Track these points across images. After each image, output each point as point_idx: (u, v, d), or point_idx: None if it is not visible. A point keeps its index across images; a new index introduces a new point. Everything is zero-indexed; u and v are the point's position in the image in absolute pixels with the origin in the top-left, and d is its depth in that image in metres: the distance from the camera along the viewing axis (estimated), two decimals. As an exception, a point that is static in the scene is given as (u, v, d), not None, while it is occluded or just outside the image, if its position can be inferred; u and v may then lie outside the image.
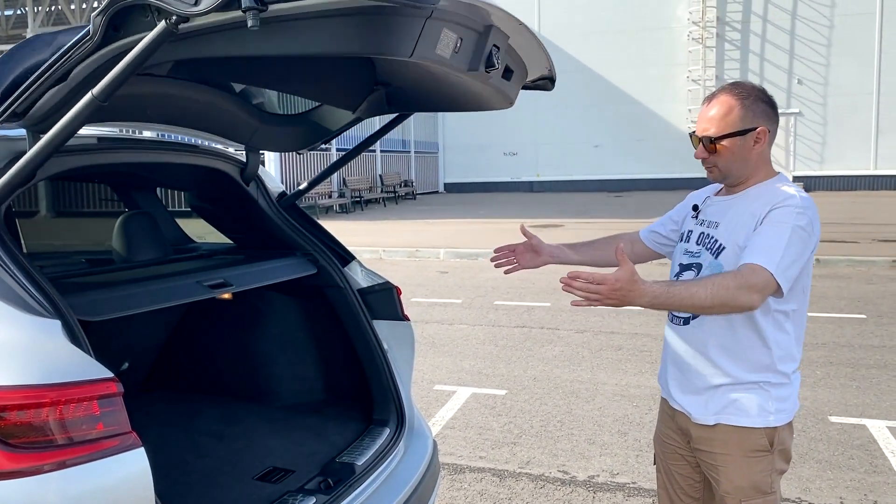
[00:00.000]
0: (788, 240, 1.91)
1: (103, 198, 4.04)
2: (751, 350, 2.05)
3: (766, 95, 2.07)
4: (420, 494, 2.44)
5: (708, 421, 2.09)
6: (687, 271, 2.14)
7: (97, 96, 1.46)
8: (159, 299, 2.07)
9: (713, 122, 2.05)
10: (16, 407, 1.44)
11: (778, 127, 2.10)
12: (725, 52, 26.33)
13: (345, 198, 22.03)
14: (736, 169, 2.08)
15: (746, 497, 2.07)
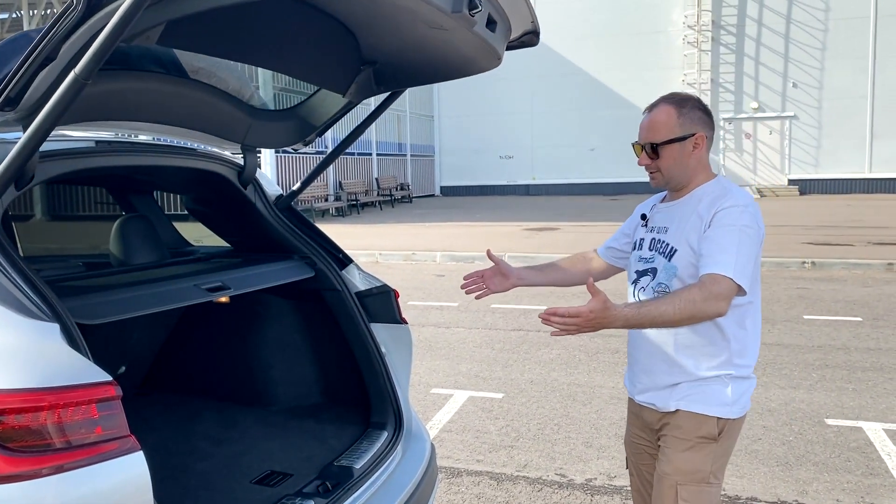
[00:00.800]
0: (738, 241, 2.02)
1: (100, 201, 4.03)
2: (712, 346, 2.14)
3: (701, 104, 2.21)
4: (418, 498, 2.44)
5: (670, 408, 2.19)
6: (643, 277, 2.25)
7: (80, 74, 1.42)
8: (157, 302, 2.07)
9: (654, 130, 2.17)
10: (14, 410, 1.43)
11: (714, 133, 2.23)
12: (720, 56, 26.42)
13: (341, 201, 22.02)
14: (677, 174, 2.19)
15: (684, 481, 2.15)
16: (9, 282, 1.55)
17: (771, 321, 7.54)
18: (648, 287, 2.23)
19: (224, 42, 2.00)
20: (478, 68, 2.31)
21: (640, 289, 2.26)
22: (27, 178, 1.78)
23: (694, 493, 2.16)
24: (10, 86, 1.55)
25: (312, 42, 2.18)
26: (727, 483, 3.86)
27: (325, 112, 2.64)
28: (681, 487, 2.15)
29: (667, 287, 2.16)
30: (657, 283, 2.20)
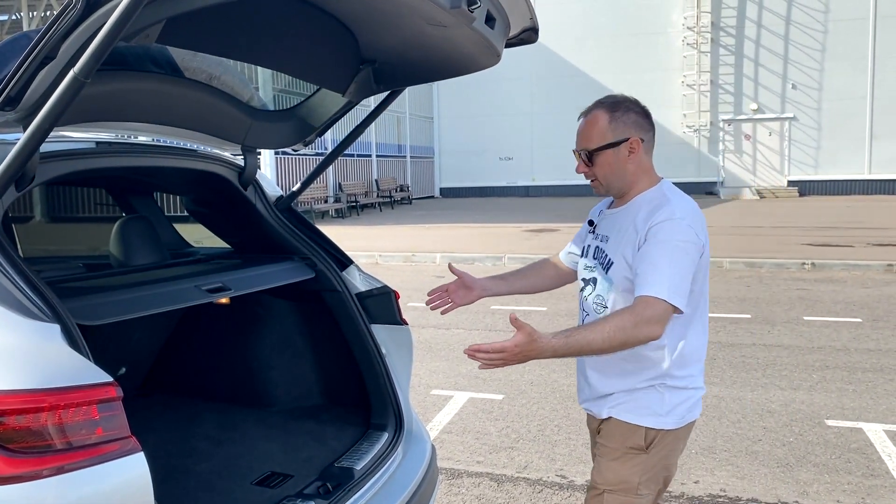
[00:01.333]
0: (672, 258, 1.94)
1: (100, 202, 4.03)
2: (648, 357, 2.09)
3: (637, 106, 2.13)
4: (419, 499, 2.43)
5: (603, 415, 2.19)
6: (587, 286, 2.22)
7: (79, 73, 1.42)
8: (158, 303, 2.07)
9: (587, 137, 2.11)
10: (14, 411, 1.43)
11: (653, 135, 2.15)
12: (720, 57, 26.44)
13: (341, 203, 22.02)
14: (615, 180, 2.13)
15: (612, 490, 2.14)
16: (9, 282, 1.55)
17: (771, 322, 7.54)
18: (590, 297, 2.19)
19: (223, 40, 2.00)
20: (477, 66, 2.31)
21: (584, 298, 2.22)
22: (28, 178, 1.78)
23: (621, 501, 2.13)
24: (10, 85, 1.54)
25: (312, 40, 2.18)
26: (728, 484, 3.86)
27: (325, 112, 2.64)
28: (607, 496, 2.13)
29: (604, 300, 2.13)
30: (596, 296, 2.16)
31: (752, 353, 6.39)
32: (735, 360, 6.18)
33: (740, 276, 10.54)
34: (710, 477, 3.95)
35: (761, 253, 11.70)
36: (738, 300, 8.75)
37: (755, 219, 17.67)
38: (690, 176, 26.86)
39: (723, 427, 4.68)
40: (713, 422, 4.77)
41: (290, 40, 2.15)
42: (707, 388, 5.47)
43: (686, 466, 4.08)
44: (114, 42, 1.41)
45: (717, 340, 6.86)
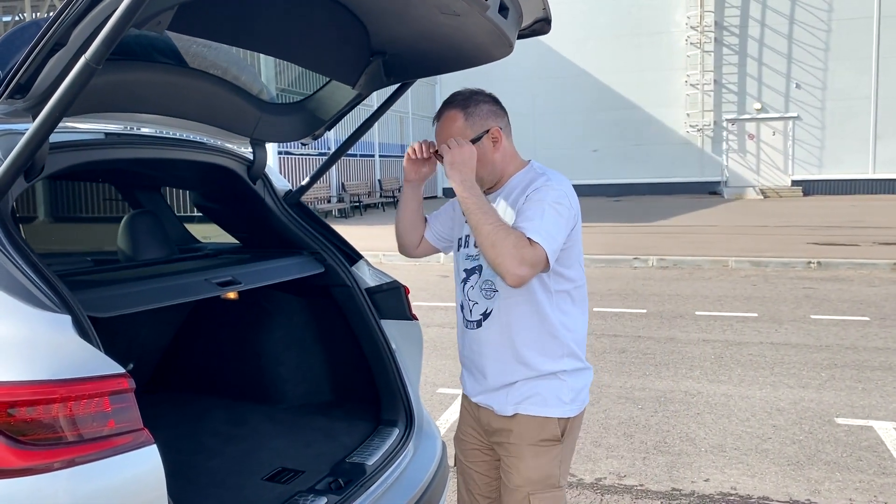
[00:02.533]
0: (544, 213, 1.96)
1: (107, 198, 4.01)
2: (542, 341, 2.08)
3: (486, 96, 2.12)
4: (430, 496, 2.41)
5: (507, 412, 2.11)
6: (472, 275, 2.17)
7: (90, 59, 1.40)
8: (168, 296, 2.04)
9: (448, 137, 2.08)
10: (25, 403, 1.40)
11: (508, 120, 2.16)
12: (724, 57, 26.38)
13: (344, 202, 22.01)
14: (487, 173, 2.12)
15: (535, 490, 2.10)
16: (19, 272, 1.52)
17: (778, 321, 7.51)
18: (476, 286, 2.14)
19: (234, 29, 1.98)
20: (489, 56, 2.29)
21: (470, 288, 2.16)
22: (37, 169, 1.75)
23: (548, 500, 2.11)
24: (20, 72, 1.52)
25: (323, 31, 2.16)
26: (739, 482, 3.83)
27: (335, 105, 2.61)
28: (533, 497, 2.10)
29: (493, 284, 2.10)
30: (483, 281, 2.12)
31: (759, 352, 6.35)
32: (742, 359, 6.15)
33: (746, 275, 10.50)
34: (720, 475, 3.92)
35: (766, 252, 11.66)
36: (743, 299, 8.71)
37: (759, 218, 17.62)
38: (693, 176, 26.81)
39: (732, 425, 4.64)
40: (722, 420, 4.74)
41: (302, 30, 2.13)
42: (715, 387, 5.46)
43: (696, 464, 4.05)
44: (125, 28, 1.39)
45: (723, 339, 6.83)
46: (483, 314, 2.12)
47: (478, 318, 2.13)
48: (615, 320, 7.68)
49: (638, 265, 11.48)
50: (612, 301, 8.75)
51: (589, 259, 11.25)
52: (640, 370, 5.89)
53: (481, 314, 2.12)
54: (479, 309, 2.13)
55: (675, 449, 4.29)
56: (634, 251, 12.02)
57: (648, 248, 12.47)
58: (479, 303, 2.13)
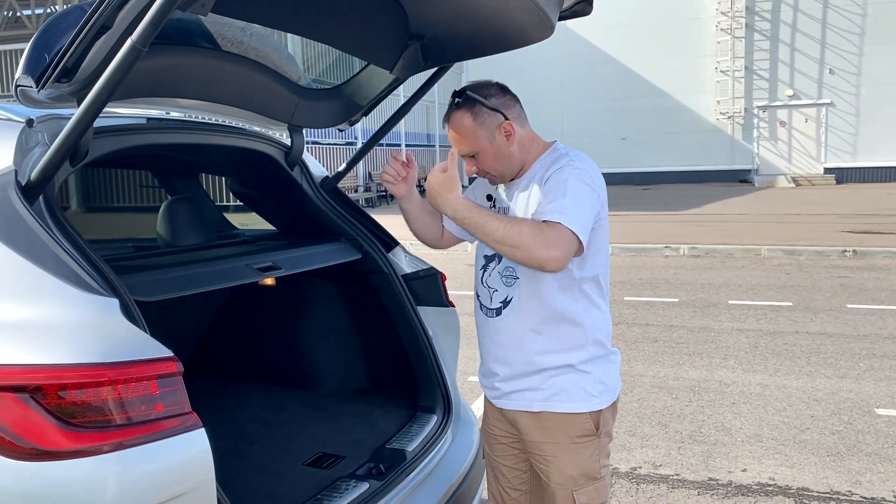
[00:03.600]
0: (567, 191, 1.89)
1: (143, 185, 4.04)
2: (565, 329, 2.02)
3: (492, 88, 2.05)
4: (470, 482, 2.40)
5: (533, 408, 2.06)
6: (491, 262, 2.11)
7: (136, 41, 1.40)
8: (211, 281, 2.05)
9: (461, 141, 2.03)
10: (75, 385, 1.41)
11: (520, 105, 2.09)
12: (755, 43, 25.92)
13: (371, 192, 22.05)
14: (506, 167, 2.06)
15: (578, 486, 2.05)
16: (67, 256, 1.53)
17: (813, 310, 7.38)
18: (495, 271, 2.09)
19: (275, 12, 1.97)
20: (529, 39, 2.25)
21: (489, 274, 2.12)
22: (82, 154, 1.76)
23: (590, 493, 2.06)
24: (66, 56, 1.52)
25: (361, 14, 2.14)
26: (777, 473, 3.77)
27: (372, 90, 2.59)
28: (577, 493, 2.05)
29: (513, 271, 2.04)
30: (504, 267, 2.07)
31: (794, 341, 6.25)
32: (778, 349, 6.05)
33: (779, 263, 10.34)
34: (757, 465, 3.87)
35: (800, 241, 11.47)
36: (777, 288, 8.58)
37: (792, 206, 17.34)
38: (723, 164, 26.45)
39: (768, 415, 4.58)
40: (758, 410, 4.67)
41: (341, 13, 2.11)
42: (750, 376, 5.39)
43: (732, 454, 4.00)
44: (171, 10, 1.38)
45: (758, 328, 6.73)
46: (503, 302, 2.06)
47: (497, 306, 2.08)
48: (647, 309, 7.61)
49: (669, 254, 11.36)
50: (643, 290, 8.66)
51: (618, 248, 11.15)
52: (673, 359, 5.82)
53: (501, 302, 2.07)
54: (498, 297, 2.07)
55: (710, 439, 4.24)
56: (665, 240, 11.89)
57: (679, 236, 12.33)
58: (499, 290, 2.07)
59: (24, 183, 1.58)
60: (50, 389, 1.38)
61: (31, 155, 1.64)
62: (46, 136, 1.70)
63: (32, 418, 1.37)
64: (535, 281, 2.01)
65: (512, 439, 2.21)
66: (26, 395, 1.37)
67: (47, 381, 1.39)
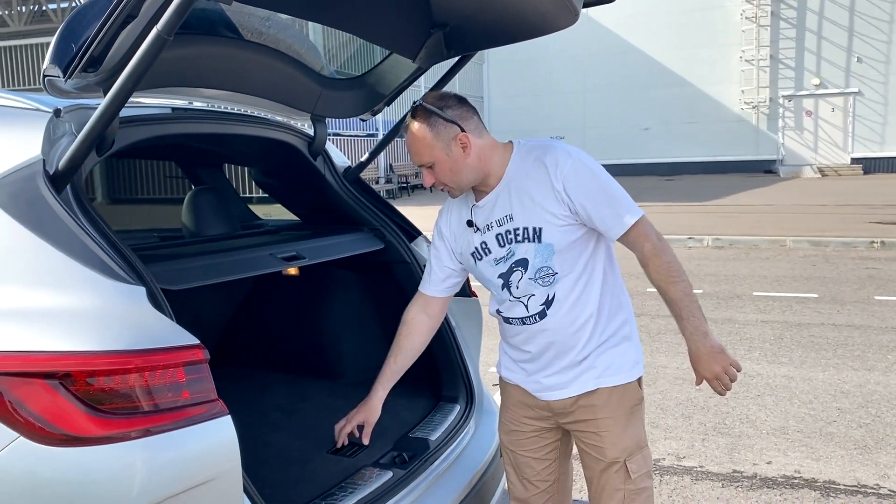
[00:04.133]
0: (605, 180, 1.99)
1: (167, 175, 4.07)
2: (611, 307, 2.09)
3: (448, 100, 2.00)
4: (493, 472, 2.40)
5: (588, 387, 2.08)
6: (513, 273, 2.05)
7: (162, 30, 1.42)
8: (236, 270, 2.06)
9: (418, 153, 2.00)
10: (103, 372, 1.42)
11: (478, 116, 2.04)
12: (781, 31, 25.55)
13: (392, 183, 22.08)
14: (465, 178, 2.03)
15: (630, 455, 2.09)
16: (95, 245, 1.54)
17: (839, 302, 7.28)
18: (524, 279, 2.04)
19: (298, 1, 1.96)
20: (553, 26, 2.23)
21: (515, 287, 2.07)
22: (108, 143, 1.77)
23: (640, 461, 2.11)
24: (93, 45, 1.53)
25: (384, 3, 2.13)
26: (802, 466, 3.73)
27: (395, 79, 2.59)
28: (629, 462, 2.09)
29: (549, 269, 2.02)
30: (536, 271, 2.02)
31: (821, 333, 6.17)
32: (803, 340, 5.98)
33: (805, 254, 10.22)
34: (783, 458, 3.83)
35: (826, 232, 11.32)
36: (803, 279, 8.48)
37: (818, 197, 17.10)
38: (748, 154, 26.14)
39: (794, 408, 4.53)
40: (783, 402, 4.62)
41: (363, 2, 2.10)
42: (775, 368, 5.33)
43: (757, 447, 3.97)
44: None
45: (783, 320, 6.66)
46: (545, 302, 2.05)
47: (539, 308, 2.06)
48: (670, 300, 7.55)
49: (692, 245, 11.26)
50: (666, 281, 8.59)
51: (641, 239, 11.06)
52: (696, 351, 5.77)
53: (543, 304, 2.05)
54: (537, 300, 2.05)
55: (735, 431, 4.20)
56: (688, 231, 11.78)
57: (703, 227, 12.22)
58: (537, 294, 2.05)
59: (51, 172, 1.60)
60: (78, 376, 1.40)
61: (58, 144, 1.66)
62: (73, 125, 1.72)
63: (62, 404, 1.39)
64: (575, 268, 2.03)
65: (544, 430, 2.19)
66: (56, 381, 1.39)
67: (76, 367, 1.40)
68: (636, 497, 2.10)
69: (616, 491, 2.09)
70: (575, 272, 2.03)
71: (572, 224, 1.99)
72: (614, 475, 2.09)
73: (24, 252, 1.52)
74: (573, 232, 2.00)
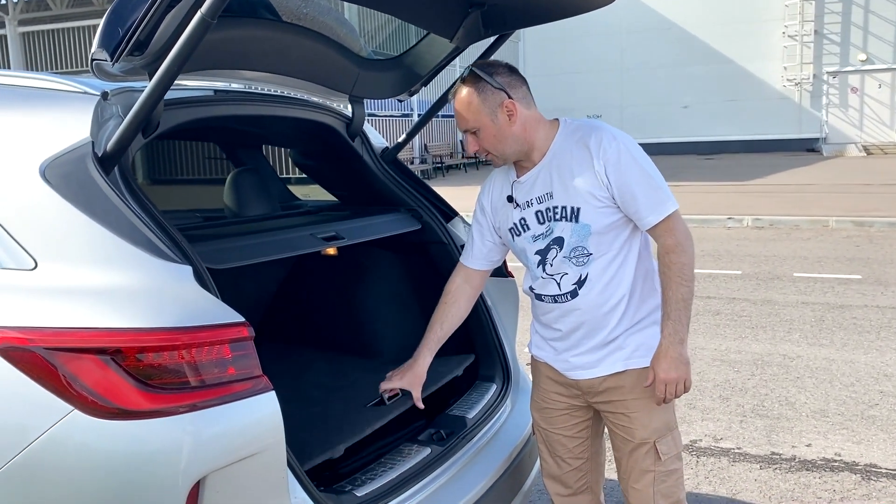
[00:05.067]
0: (646, 169, 1.98)
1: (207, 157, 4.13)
2: (643, 290, 2.09)
3: (498, 68, 2.02)
4: (530, 450, 2.42)
5: (616, 368, 2.08)
6: (549, 252, 2.07)
7: (206, 13, 1.44)
8: (277, 250, 2.09)
9: (464, 118, 2.02)
10: (152, 349, 1.47)
11: (527, 87, 2.05)
12: (826, 5, 24.84)
13: (426, 164, 22.08)
14: (510, 148, 2.04)
15: (661, 436, 2.09)
16: (143, 225, 1.58)
17: (883, 283, 7.14)
18: (559, 258, 2.05)
19: None
20: (592, 4, 2.21)
21: (549, 264, 2.08)
22: (153, 125, 1.81)
23: (669, 442, 2.11)
24: (139, 29, 1.56)
25: None
26: (843, 449, 3.69)
27: (432, 60, 2.59)
28: (659, 444, 2.09)
29: (584, 249, 2.02)
30: (571, 250, 2.03)
31: (863, 315, 6.06)
32: (845, 322, 5.88)
33: (848, 235, 10.00)
34: (822, 440, 3.79)
35: (870, 211, 11.06)
36: (846, 260, 8.31)
37: (862, 176, 16.68)
38: (790, 132, 25.56)
39: (834, 390, 4.47)
40: (824, 384, 4.56)
41: None
42: (816, 350, 5.26)
43: (796, 429, 3.93)
44: None
45: (824, 301, 6.55)
46: (577, 282, 2.06)
47: (571, 287, 2.07)
48: (708, 282, 7.47)
49: (732, 225, 11.09)
50: (705, 262, 8.50)
51: (679, 219, 10.92)
52: (735, 332, 5.72)
53: (575, 283, 2.06)
54: (570, 279, 2.07)
55: (773, 413, 4.17)
56: (728, 211, 11.60)
57: (743, 207, 12.02)
58: (569, 273, 2.06)
59: (100, 154, 1.64)
60: (129, 352, 1.45)
61: (106, 127, 1.70)
62: (120, 108, 1.75)
63: (113, 379, 1.44)
64: (611, 249, 2.04)
65: (574, 408, 2.22)
66: (107, 357, 1.44)
67: (126, 344, 1.45)
68: (666, 478, 2.11)
69: (646, 472, 2.10)
70: (610, 254, 2.04)
71: (610, 206, 2.00)
72: (644, 456, 2.10)
73: (75, 232, 1.57)
74: (611, 214, 2.00)
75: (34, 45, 21.34)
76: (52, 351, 1.44)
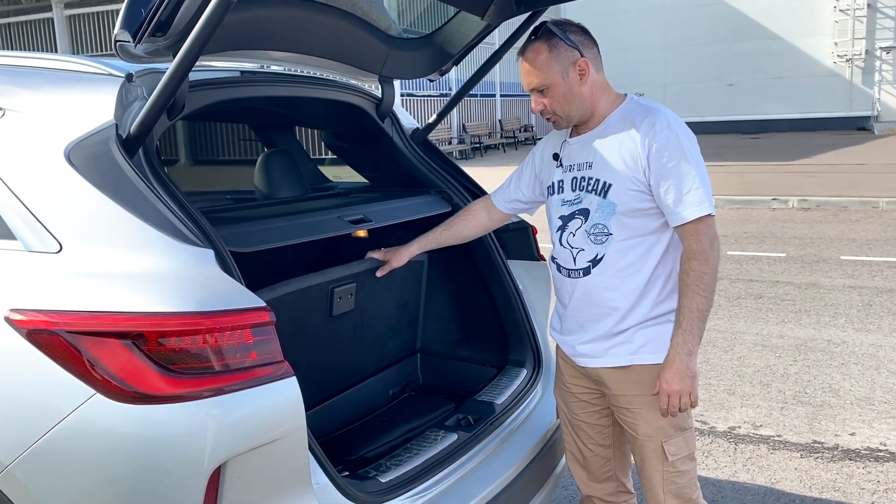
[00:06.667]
0: (691, 164, 1.90)
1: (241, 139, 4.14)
2: (656, 281, 2.00)
3: (572, 25, 1.99)
4: (561, 437, 2.38)
5: (621, 362, 2.03)
6: (572, 221, 2.05)
7: None
8: (304, 233, 2.08)
9: (531, 74, 1.99)
10: (174, 333, 1.46)
11: (598, 51, 2.02)
12: (880, -23, 23.92)
13: (464, 144, 21.95)
14: (574, 109, 2.01)
15: (668, 436, 2.02)
16: (166, 208, 1.57)
17: (936, 267, 6.89)
18: (580, 231, 2.01)
19: None
20: None
21: (570, 234, 2.04)
22: (178, 107, 1.80)
23: (679, 443, 2.04)
24: (160, 9, 1.54)
25: None
26: (889, 438, 3.58)
27: (463, 38, 2.53)
28: (666, 444, 2.02)
29: (605, 228, 1.97)
30: (592, 225, 1.99)
31: (914, 300, 5.87)
32: (895, 308, 5.69)
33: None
34: (867, 429, 3.68)
35: (924, 192, 10.68)
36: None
37: (916, 156, 16.12)
38: (840, 110, 24.78)
39: (881, 378, 4.33)
40: (870, 371, 4.43)
41: None
42: (862, 336, 5.11)
43: (839, 417, 3.82)
44: None
45: (872, 285, 6.35)
46: (592, 261, 2.01)
47: (585, 265, 2.03)
48: (751, 264, 7.30)
49: (777, 206, 10.81)
50: (748, 244, 8.31)
51: (722, 199, 10.68)
52: (778, 317, 5.58)
53: (589, 261, 2.01)
54: (585, 256, 2.02)
55: (816, 400, 4.06)
56: (773, 191, 11.31)
57: (789, 188, 11.70)
58: (586, 249, 2.02)
59: (124, 136, 1.63)
60: (151, 337, 1.45)
61: (130, 109, 1.69)
62: (145, 90, 1.75)
63: (135, 363, 1.44)
64: (632, 235, 1.98)
65: (593, 395, 2.18)
66: (129, 341, 1.44)
67: (148, 328, 1.45)
68: (677, 479, 2.06)
69: (654, 471, 2.06)
70: (632, 240, 1.98)
71: (643, 192, 1.94)
72: (651, 455, 2.05)
73: (100, 215, 1.56)
74: (641, 200, 1.94)
75: (80, 27, 21.66)
76: (75, 335, 1.44)
